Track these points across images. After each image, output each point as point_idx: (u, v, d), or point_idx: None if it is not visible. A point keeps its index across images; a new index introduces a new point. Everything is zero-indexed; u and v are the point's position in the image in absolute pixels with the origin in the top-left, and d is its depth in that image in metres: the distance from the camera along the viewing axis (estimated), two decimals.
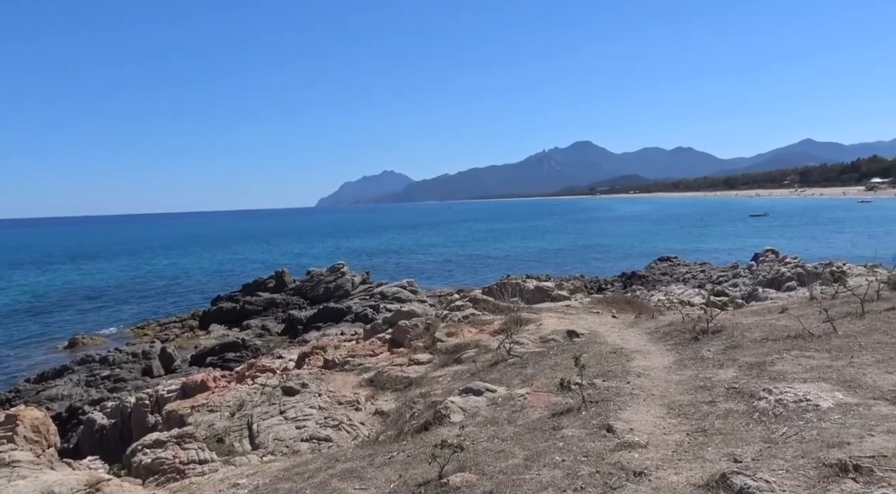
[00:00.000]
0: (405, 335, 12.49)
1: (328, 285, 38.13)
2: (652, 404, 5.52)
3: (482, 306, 14.42)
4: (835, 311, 8.07)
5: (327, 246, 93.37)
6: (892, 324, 6.97)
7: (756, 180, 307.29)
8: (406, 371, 10.12)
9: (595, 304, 13.86)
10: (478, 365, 9.03)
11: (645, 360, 7.32)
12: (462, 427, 5.67)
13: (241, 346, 27.03)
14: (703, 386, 5.78)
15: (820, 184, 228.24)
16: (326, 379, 10.70)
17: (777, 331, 7.47)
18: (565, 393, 6.27)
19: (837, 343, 6.43)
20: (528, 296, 15.45)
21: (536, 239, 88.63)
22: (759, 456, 3.89)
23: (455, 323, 12.78)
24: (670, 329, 8.97)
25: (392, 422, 7.66)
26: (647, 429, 4.82)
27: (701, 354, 7.06)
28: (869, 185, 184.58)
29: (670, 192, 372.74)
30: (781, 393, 4.94)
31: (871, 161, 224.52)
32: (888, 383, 4.92)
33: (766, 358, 6.25)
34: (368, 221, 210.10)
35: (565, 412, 5.65)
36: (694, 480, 3.76)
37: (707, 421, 4.80)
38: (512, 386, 7.15)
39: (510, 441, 5.14)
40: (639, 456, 4.29)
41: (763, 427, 4.44)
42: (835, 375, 5.30)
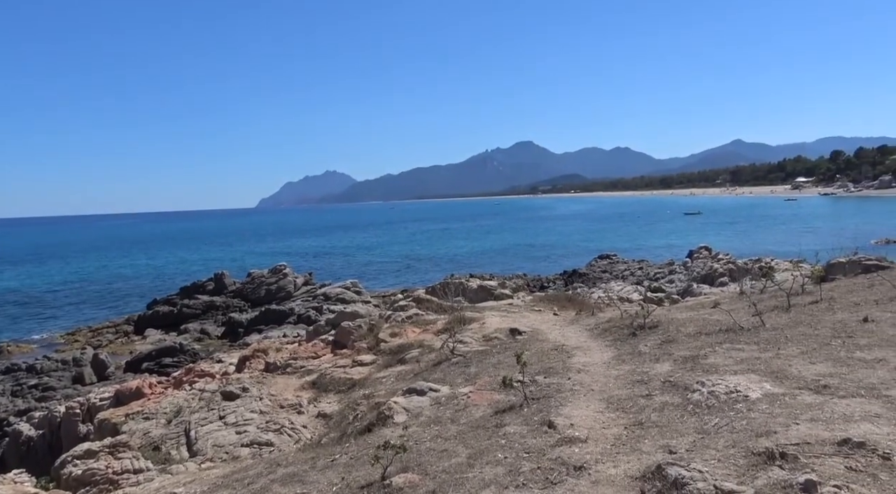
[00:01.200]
0: (348, 336, 12.37)
1: (270, 287, 37.44)
2: (591, 399, 5.63)
3: (426, 306, 14.42)
4: (763, 305, 8.41)
5: (269, 247, 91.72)
6: (816, 317, 7.31)
7: (690, 179, 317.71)
8: (349, 372, 10.02)
9: (537, 302, 14.05)
10: (421, 364, 9.02)
11: (585, 356, 7.46)
12: (405, 428, 5.66)
13: (179, 351, 26.25)
14: (641, 380, 5.93)
15: (750, 183, 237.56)
16: (268, 382, 10.49)
17: (710, 325, 7.74)
18: (508, 390, 6.33)
19: (765, 335, 6.70)
20: (472, 295, 15.55)
21: (480, 238, 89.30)
22: (693, 447, 4.02)
23: (399, 323, 12.74)
24: (609, 325, 9.17)
25: (335, 425, 7.57)
26: (587, 424, 4.92)
27: (638, 349, 7.25)
28: (794, 184, 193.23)
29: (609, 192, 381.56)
30: (714, 385, 5.11)
31: (796, 161, 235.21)
32: (812, 373, 5.15)
33: (700, 351, 6.46)
34: (311, 222, 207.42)
35: (508, 409, 5.70)
36: (631, 472, 3.85)
37: (644, 415, 4.92)
38: (455, 385, 7.17)
39: (453, 440, 5.15)
40: (579, 451, 4.36)
41: (696, 419, 4.59)
42: (763, 367, 5.52)
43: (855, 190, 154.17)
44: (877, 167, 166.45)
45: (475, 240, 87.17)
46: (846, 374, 5.00)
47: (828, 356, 5.60)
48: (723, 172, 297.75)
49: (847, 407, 4.26)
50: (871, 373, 4.95)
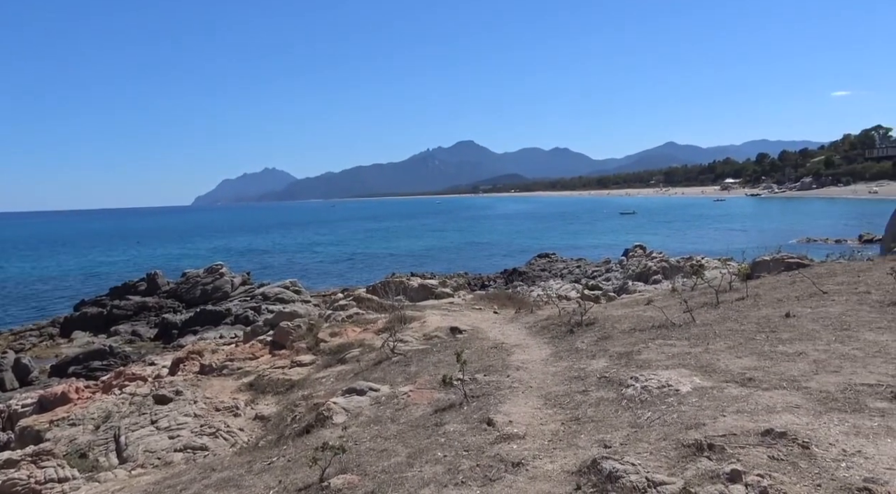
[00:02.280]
0: (287, 336, 12.17)
1: (205, 287, 36.43)
2: (530, 396, 5.71)
3: (366, 305, 14.33)
4: (693, 302, 8.72)
5: (205, 246, 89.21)
6: (742, 313, 7.62)
7: (626, 180, 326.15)
8: (288, 373, 9.86)
9: (477, 301, 14.16)
10: (362, 364, 8.96)
11: (524, 354, 7.56)
12: (345, 428, 5.61)
13: (109, 354, 25.23)
14: (577, 376, 6.05)
15: (682, 184, 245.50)
16: (203, 385, 10.21)
17: (643, 322, 7.96)
18: (448, 389, 6.36)
19: (695, 331, 6.94)
20: (413, 294, 15.53)
21: (422, 237, 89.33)
22: (627, 441, 4.12)
23: (339, 322, 12.62)
24: (548, 322, 9.33)
25: (273, 427, 7.44)
26: (525, 421, 4.98)
27: (575, 346, 7.39)
28: (723, 185, 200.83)
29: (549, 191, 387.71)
30: (647, 380, 5.26)
31: (725, 163, 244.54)
32: (738, 366, 5.37)
33: (634, 347, 6.64)
34: (249, 220, 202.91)
35: (447, 408, 5.72)
36: (568, 467, 3.93)
37: (580, 410, 5.02)
38: (395, 384, 7.15)
39: (393, 440, 5.14)
40: (517, 447, 4.42)
41: (630, 413, 4.71)
42: (693, 361, 5.71)
43: (779, 191, 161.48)
44: (798, 169, 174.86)
45: (417, 238, 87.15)
46: (769, 367, 5.23)
47: (753, 350, 5.84)
48: (657, 173, 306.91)
49: (770, 399, 4.45)
50: (792, 366, 5.19)
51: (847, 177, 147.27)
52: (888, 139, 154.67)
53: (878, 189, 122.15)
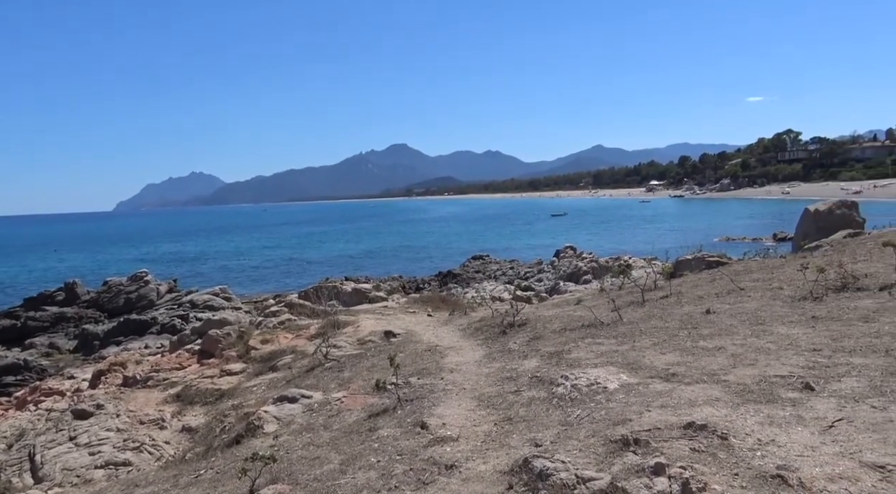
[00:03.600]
0: (216, 345, 11.83)
1: (129, 295, 35.00)
2: (463, 398, 5.74)
3: (299, 311, 14.09)
4: (621, 301, 8.97)
5: (129, 253, 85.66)
6: (666, 310, 7.90)
7: (557, 182, 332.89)
8: (217, 382, 9.58)
9: (412, 304, 14.14)
10: (294, 371, 8.81)
11: (458, 356, 7.61)
12: (276, 437, 5.50)
13: (24, 368, 23.88)
14: (510, 376, 6.13)
15: (610, 186, 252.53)
16: (126, 397, 9.81)
17: (574, 321, 8.14)
18: (381, 393, 6.32)
19: (623, 329, 7.15)
20: (346, 299, 15.37)
21: (356, 241, 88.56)
22: (557, 439, 4.20)
23: (270, 329, 12.35)
24: (481, 324, 9.41)
25: (201, 438, 7.21)
26: (459, 423, 5.01)
27: (508, 347, 7.49)
28: (649, 187, 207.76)
29: (482, 194, 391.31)
30: (576, 379, 5.37)
31: (650, 165, 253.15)
32: (662, 362, 5.56)
33: (564, 346, 6.78)
34: (175, 225, 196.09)
35: (381, 412, 5.70)
36: (500, 467, 3.97)
37: (513, 410, 5.09)
38: (329, 390, 7.06)
39: (326, 447, 5.07)
40: (450, 450, 4.43)
41: (561, 412, 4.80)
42: (620, 359, 5.88)
43: (700, 192, 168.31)
44: (717, 171, 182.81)
45: (351, 242, 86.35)
46: (691, 362, 5.44)
47: (676, 346, 6.06)
48: (586, 175, 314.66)
49: (692, 393, 4.63)
50: (712, 361, 5.41)
51: (762, 179, 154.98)
52: (798, 142, 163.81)
53: (790, 190, 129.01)
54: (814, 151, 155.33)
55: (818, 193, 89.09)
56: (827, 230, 13.34)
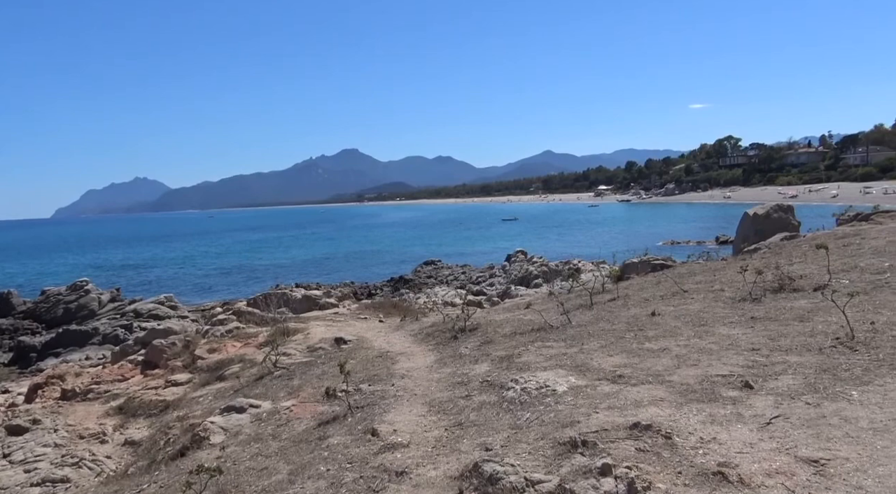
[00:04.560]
0: (161, 355, 11.50)
1: (69, 305, 33.71)
2: (415, 403, 5.73)
3: (247, 318, 13.82)
4: (570, 304, 9.10)
5: (68, 261, 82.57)
6: (613, 313, 8.05)
7: (507, 187, 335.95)
8: (162, 393, 9.31)
9: (363, 310, 14.05)
10: (242, 380, 8.63)
11: (409, 361, 7.58)
12: (223, 449, 5.38)
13: None
14: (461, 381, 6.14)
15: (559, 191, 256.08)
16: (65, 411, 9.43)
17: (524, 325, 8.21)
18: (332, 401, 6.27)
19: (571, 332, 7.25)
20: (296, 306, 15.16)
21: (307, 247, 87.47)
22: (507, 443, 4.24)
23: (218, 338, 12.07)
24: (433, 329, 9.41)
25: (144, 452, 6.99)
26: (410, 429, 4.99)
27: (459, 352, 7.50)
28: (597, 192, 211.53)
29: (433, 199, 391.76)
30: (526, 382, 5.43)
31: (598, 171, 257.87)
32: (609, 364, 5.66)
33: (515, 350, 6.84)
34: (118, 232, 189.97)
35: (331, 420, 5.63)
36: (451, 472, 3.97)
37: (463, 415, 5.10)
38: (278, 399, 6.95)
39: (274, 457, 4.98)
40: (401, 456, 4.42)
41: (510, 415, 4.84)
42: (569, 361, 5.96)
43: (646, 197, 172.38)
44: (663, 176, 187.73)
45: (301, 248, 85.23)
46: (637, 364, 5.56)
47: (623, 348, 6.18)
48: (536, 180, 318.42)
49: (638, 394, 4.73)
50: (657, 362, 5.54)
51: (705, 184, 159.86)
52: (738, 148, 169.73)
53: (731, 194, 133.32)
54: (753, 157, 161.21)
55: (757, 197, 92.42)
56: (765, 233, 13.82)
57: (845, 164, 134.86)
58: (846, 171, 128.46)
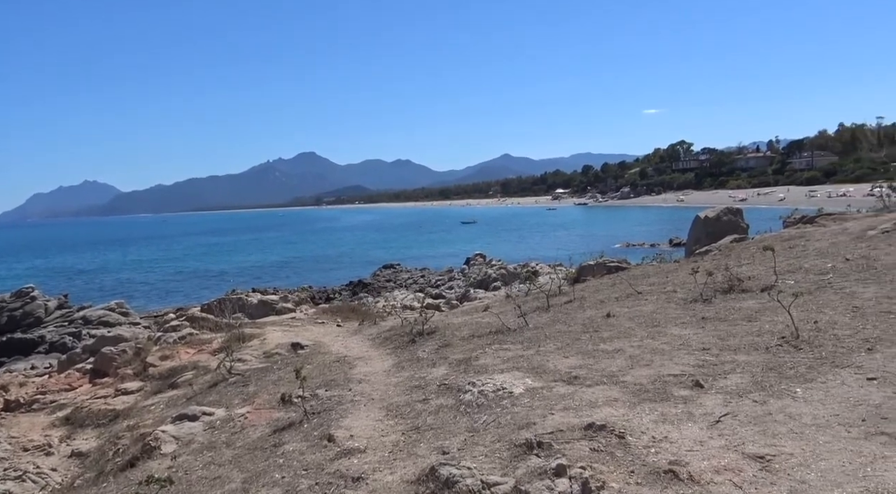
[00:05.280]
0: (111, 363, 11.18)
1: (13, 313, 32.48)
2: (372, 408, 5.69)
3: (201, 324, 13.53)
4: (527, 306, 9.17)
5: (13, 267, 79.64)
6: (570, 315, 8.15)
7: (467, 191, 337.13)
8: (111, 403, 9.05)
9: (320, 314, 13.92)
10: (195, 387, 8.45)
11: (366, 366, 7.54)
12: (174, 458, 5.26)
13: None
14: (418, 385, 6.13)
15: (518, 194, 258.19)
16: (8, 423, 9.08)
17: (482, 328, 8.25)
18: (288, 407, 6.18)
19: (528, 334, 7.31)
20: (252, 311, 14.93)
21: (264, 251, 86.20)
22: (464, 446, 4.24)
23: (170, 345, 11.80)
24: (391, 333, 9.37)
25: (92, 463, 6.78)
26: (367, 434, 4.96)
27: (417, 355, 7.49)
28: (555, 195, 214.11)
29: (393, 203, 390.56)
30: (483, 385, 5.45)
31: (555, 174, 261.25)
32: (565, 366, 5.72)
33: (472, 353, 6.85)
34: (67, 237, 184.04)
35: (287, 427, 5.56)
36: (407, 477, 3.96)
37: (420, 419, 5.09)
38: (232, 406, 6.82)
39: (228, 466, 4.90)
40: (357, 462, 4.38)
41: (468, 418, 4.85)
42: (525, 364, 6.01)
43: (602, 200, 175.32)
44: (618, 180, 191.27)
45: (259, 253, 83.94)
46: (592, 365, 5.64)
47: (578, 350, 6.26)
48: (495, 184, 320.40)
49: (592, 395, 4.79)
50: (611, 363, 5.63)
51: (659, 187, 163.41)
52: (690, 153, 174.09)
53: (684, 198, 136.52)
54: (704, 161, 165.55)
55: (709, 201, 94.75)
56: (716, 235, 14.19)
57: (792, 169, 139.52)
58: (793, 175, 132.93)
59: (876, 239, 9.34)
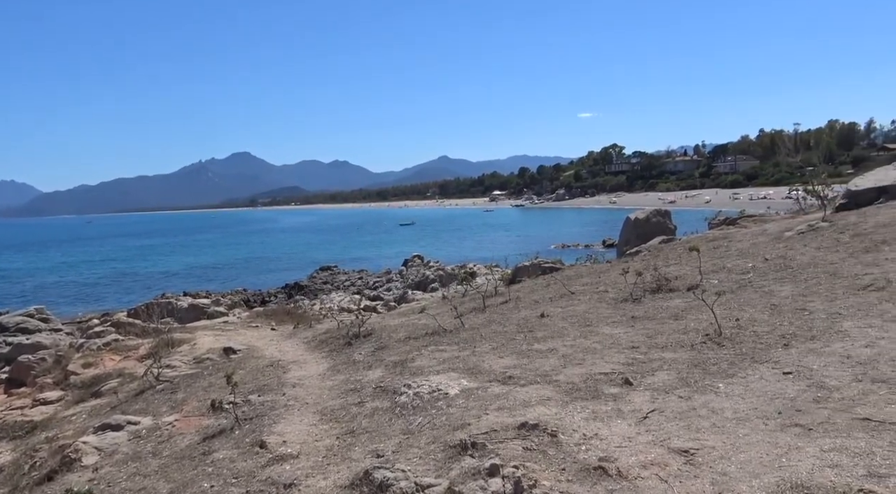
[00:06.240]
0: (28, 371, 10.62)
1: None
2: (306, 413, 5.61)
3: (128, 330, 13.00)
4: (464, 307, 9.24)
5: None
6: (505, 315, 8.24)
7: (405, 192, 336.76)
8: (28, 413, 8.59)
9: (254, 318, 13.62)
10: (120, 396, 8.12)
11: (301, 370, 7.42)
12: (96, 470, 5.04)
13: None
14: (354, 388, 6.07)
15: (456, 196, 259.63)
16: None
17: (418, 330, 8.25)
18: (218, 413, 6.02)
19: (464, 335, 7.35)
20: (183, 315, 14.47)
21: (197, 254, 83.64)
22: (399, 448, 4.23)
23: (94, 351, 11.29)
24: (326, 336, 9.26)
25: (6, 478, 6.41)
26: (300, 439, 4.88)
27: (353, 358, 7.42)
28: (492, 197, 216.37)
29: (330, 204, 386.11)
30: (419, 387, 5.44)
31: (493, 176, 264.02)
32: (500, 366, 5.78)
33: (408, 355, 6.84)
34: None
35: (217, 434, 5.41)
36: (341, 482, 3.91)
37: (356, 422, 5.05)
38: (159, 414, 6.59)
39: (154, 476, 4.72)
40: (290, 468, 4.31)
41: (403, 420, 4.84)
42: (461, 364, 6.04)
43: (539, 202, 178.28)
44: (554, 182, 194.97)
45: (191, 255, 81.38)
46: (527, 365, 5.71)
47: (513, 350, 6.34)
48: (433, 185, 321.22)
49: (526, 394, 4.86)
50: (545, 362, 5.72)
51: (592, 189, 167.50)
52: (622, 156, 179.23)
53: (616, 199, 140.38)
54: (636, 164, 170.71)
55: (640, 202, 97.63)
56: (645, 236, 14.64)
57: (717, 172, 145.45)
58: (718, 178, 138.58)
59: (793, 239, 9.82)
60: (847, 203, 11.51)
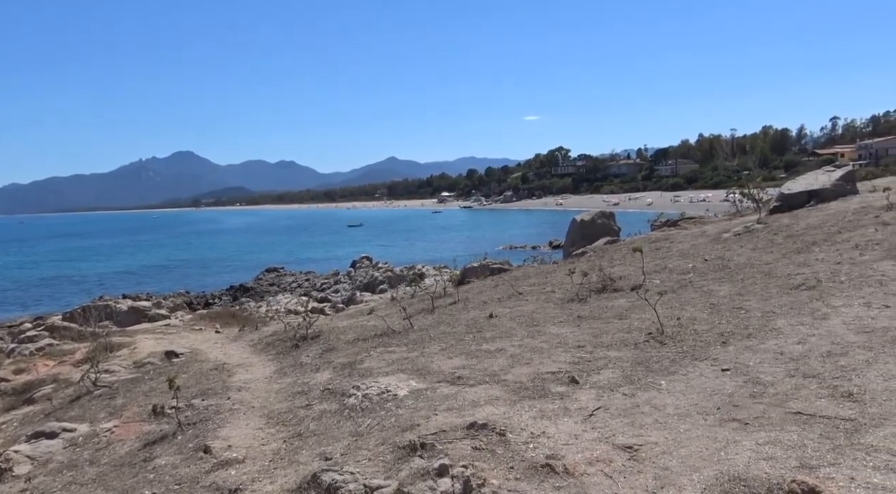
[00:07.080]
0: None
1: None
2: (252, 416, 5.51)
3: (63, 334, 12.54)
4: (412, 309, 9.23)
5: None
6: (454, 316, 8.28)
7: (353, 193, 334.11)
8: None
9: (198, 321, 13.30)
10: (55, 402, 7.82)
11: (247, 373, 7.29)
12: (28, 480, 4.83)
13: None
14: (301, 391, 6.00)
15: (404, 197, 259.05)
16: None
17: (367, 331, 8.21)
18: (160, 419, 5.87)
19: (413, 336, 7.35)
20: (122, 318, 14.02)
21: (136, 255, 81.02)
22: (348, 450, 4.20)
23: (26, 357, 10.84)
24: (273, 338, 9.12)
25: None
26: (246, 443, 4.79)
27: (300, 360, 7.34)
28: (440, 198, 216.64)
29: (276, 204, 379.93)
30: (367, 388, 5.42)
31: (441, 178, 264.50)
32: (449, 367, 5.81)
33: (357, 357, 6.80)
34: None
35: (159, 440, 5.27)
36: (288, 486, 3.86)
37: (303, 425, 4.99)
38: (97, 420, 6.37)
39: (92, 485, 4.57)
40: (235, 473, 4.23)
41: (352, 423, 4.80)
42: (410, 365, 6.04)
43: (487, 203, 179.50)
44: (501, 184, 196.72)
45: (130, 257, 78.76)
46: (475, 365, 5.75)
47: (462, 350, 6.37)
48: (381, 186, 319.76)
49: (475, 394, 4.89)
50: (494, 362, 5.77)
51: (539, 191, 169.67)
52: (568, 159, 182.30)
53: (562, 201, 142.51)
54: (581, 167, 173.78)
55: (586, 204, 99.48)
56: (591, 237, 14.91)
57: (658, 175, 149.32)
58: (659, 181, 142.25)
59: (730, 241, 10.18)
60: (780, 205, 12.00)
